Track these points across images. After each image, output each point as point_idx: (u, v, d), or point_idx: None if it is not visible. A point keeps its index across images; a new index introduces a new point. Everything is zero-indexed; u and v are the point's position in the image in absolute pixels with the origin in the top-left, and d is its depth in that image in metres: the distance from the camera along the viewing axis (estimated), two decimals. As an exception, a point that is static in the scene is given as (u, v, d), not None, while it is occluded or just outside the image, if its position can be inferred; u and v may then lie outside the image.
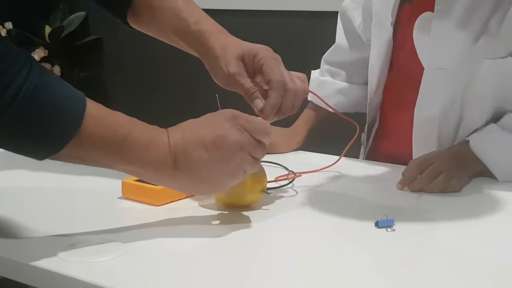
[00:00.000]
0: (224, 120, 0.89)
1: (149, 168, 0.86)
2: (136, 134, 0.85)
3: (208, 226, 0.93)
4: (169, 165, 0.86)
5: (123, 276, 0.78)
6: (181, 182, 0.88)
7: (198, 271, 0.79)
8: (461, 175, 1.13)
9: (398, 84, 1.34)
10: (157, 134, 0.87)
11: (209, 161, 0.86)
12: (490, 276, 0.79)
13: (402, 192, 1.11)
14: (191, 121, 0.90)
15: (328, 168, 1.22)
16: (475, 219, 1.01)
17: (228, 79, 1.02)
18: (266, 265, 0.82)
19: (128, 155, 0.84)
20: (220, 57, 1.02)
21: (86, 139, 0.81)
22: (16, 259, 0.81)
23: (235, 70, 1.01)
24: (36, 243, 0.86)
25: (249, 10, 2.68)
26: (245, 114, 0.90)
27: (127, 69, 3.10)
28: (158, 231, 0.90)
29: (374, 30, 1.37)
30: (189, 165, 0.86)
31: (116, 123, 0.84)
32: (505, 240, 0.92)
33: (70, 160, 0.83)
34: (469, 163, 1.18)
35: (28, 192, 1.09)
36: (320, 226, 0.96)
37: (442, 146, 1.25)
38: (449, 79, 1.22)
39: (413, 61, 1.29)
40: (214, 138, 0.87)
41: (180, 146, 0.86)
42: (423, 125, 1.26)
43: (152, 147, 0.85)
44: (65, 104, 0.79)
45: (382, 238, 0.90)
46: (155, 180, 0.89)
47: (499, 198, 1.11)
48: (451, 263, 0.83)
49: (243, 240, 0.91)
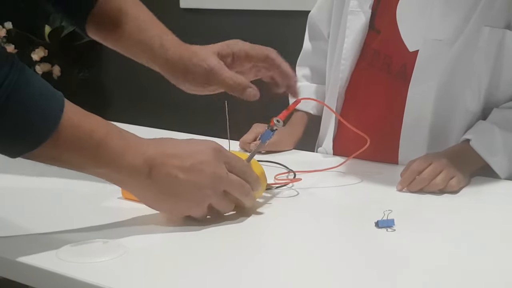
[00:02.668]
0: (208, 149, 0.90)
1: (122, 172, 0.86)
2: (113, 138, 0.85)
3: (208, 226, 0.93)
4: (144, 173, 0.86)
5: (123, 276, 0.78)
6: (150, 193, 0.89)
7: (198, 271, 0.79)
8: (460, 175, 1.13)
9: (370, 71, 1.35)
10: (134, 141, 0.88)
11: (183, 182, 0.87)
12: (490, 276, 0.79)
13: (402, 192, 1.11)
14: (173, 140, 0.91)
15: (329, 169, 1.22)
16: (475, 219, 1.01)
17: (208, 76, 1.02)
18: (265, 265, 0.82)
19: (103, 158, 0.84)
20: (194, 56, 1.04)
21: (62, 140, 0.81)
22: (16, 259, 0.81)
23: (215, 63, 1.02)
24: (36, 243, 0.85)
25: (250, 10, 2.68)
26: (227, 151, 0.93)
27: (126, 69, 3.09)
28: (158, 231, 0.90)
29: (350, 17, 1.36)
30: (163, 179, 0.87)
31: (94, 126, 0.84)
32: (505, 240, 0.92)
33: (43, 160, 0.82)
34: (468, 162, 1.18)
35: (28, 192, 1.09)
36: (320, 226, 0.96)
37: (434, 129, 1.25)
38: (446, 50, 1.22)
39: (391, 42, 1.29)
40: (193, 163, 0.88)
41: (159, 159, 0.87)
42: (416, 103, 1.26)
43: (128, 153, 0.86)
44: (43, 103, 0.80)
45: (382, 238, 0.90)
46: (127, 186, 0.90)
47: (499, 198, 1.12)
48: (451, 263, 0.83)
49: (243, 240, 0.91)
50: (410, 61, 1.26)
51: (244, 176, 0.93)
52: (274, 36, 2.64)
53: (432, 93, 1.24)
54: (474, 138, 1.20)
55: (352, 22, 1.36)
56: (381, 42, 1.33)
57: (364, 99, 1.37)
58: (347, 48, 1.37)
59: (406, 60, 1.27)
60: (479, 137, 1.20)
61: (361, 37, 1.35)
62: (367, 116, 1.34)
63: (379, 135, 1.25)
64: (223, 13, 2.76)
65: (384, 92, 1.32)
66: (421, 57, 1.25)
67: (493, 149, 1.19)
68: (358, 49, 1.36)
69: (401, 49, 1.28)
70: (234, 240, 0.91)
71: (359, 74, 1.37)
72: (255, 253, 0.87)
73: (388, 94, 1.32)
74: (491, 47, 1.21)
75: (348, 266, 0.82)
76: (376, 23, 1.34)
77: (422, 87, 1.25)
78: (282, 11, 2.61)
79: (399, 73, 1.29)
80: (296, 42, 1.58)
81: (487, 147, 1.19)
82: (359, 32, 1.35)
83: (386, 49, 1.32)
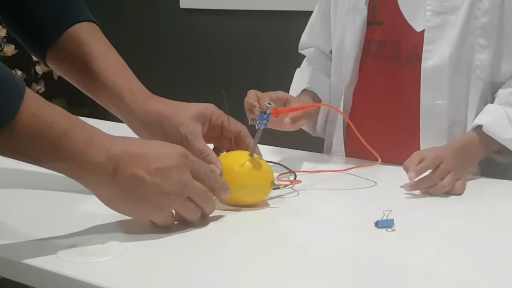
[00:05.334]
0: (175, 154, 0.87)
1: (85, 168, 0.82)
2: (76, 131, 0.81)
3: (208, 225, 0.93)
4: (108, 172, 0.83)
5: (123, 276, 0.78)
6: (112, 193, 0.85)
7: (198, 271, 0.79)
8: (465, 177, 1.14)
9: (376, 63, 1.35)
10: (99, 136, 0.84)
11: (148, 184, 0.84)
12: (490, 276, 0.79)
13: (402, 192, 1.11)
14: (139, 139, 0.88)
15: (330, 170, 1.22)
16: (475, 219, 1.01)
17: (180, 140, 1.02)
18: (265, 265, 0.82)
19: (64, 151, 0.80)
20: (171, 117, 1.03)
21: (20, 129, 0.77)
22: (16, 259, 0.81)
23: (191, 130, 1.02)
24: (35, 244, 0.85)
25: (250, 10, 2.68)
26: (193, 156, 0.90)
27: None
28: (158, 231, 0.90)
29: (348, 17, 1.37)
30: (127, 180, 0.84)
31: (56, 116, 0.80)
32: (505, 240, 0.92)
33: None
34: (474, 153, 1.19)
35: (28, 192, 1.09)
36: (320, 226, 0.96)
37: (454, 97, 1.26)
38: (451, 20, 1.24)
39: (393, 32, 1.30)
40: (160, 166, 0.85)
41: (124, 158, 0.84)
42: (432, 77, 1.26)
43: (92, 148, 0.82)
44: (1, 89, 0.76)
45: (382, 238, 0.90)
46: (88, 183, 0.85)
47: (500, 198, 1.12)
48: (451, 263, 0.83)
49: (243, 240, 0.91)
50: (419, 41, 1.28)
51: (209, 182, 0.91)
52: (274, 36, 2.65)
53: (445, 64, 1.25)
54: (486, 123, 1.19)
55: (349, 22, 1.37)
56: (385, 33, 1.33)
57: (376, 93, 1.37)
58: (347, 48, 1.37)
59: (415, 41, 1.28)
60: (490, 120, 1.20)
61: (361, 34, 1.35)
62: (382, 109, 1.34)
63: (397, 125, 1.27)
64: (223, 13, 2.76)
65: (396, 80, 1.33)
66: (429, 33, 1.26)
67: (506, 130, 1.19)
68: (359, 47, 1.36)
69: (408, 32, 1.29)
70: (234, 240, 0.91)
71: (366, 70, 1.37)
72: (256, 252, 0.87)
73: (401, 79, 1.32)
74: (493, 11, 1.22)
75: (348, 266, 0.82)
76: (378, 16, 1.34)
77: (434, 60, 1.26)
78: (282, 11, 2.61)
79: (411, 56, 1.30)
80: (296, 42, 1.58)
81: (499, 129, 1.19)
82: (358, 30, 1.35)
83: (392, 37, 1.32)
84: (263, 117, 1.02)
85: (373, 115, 1.36)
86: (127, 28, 2.98)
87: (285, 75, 1.54)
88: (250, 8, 2.67)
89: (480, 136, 1.19)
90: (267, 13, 2.64)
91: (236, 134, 1.06)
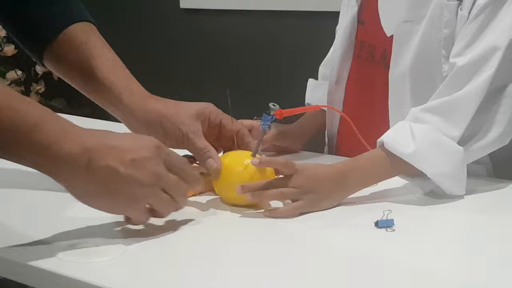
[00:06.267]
0: (150, 146, 0.85)
1: (57, 161, 0.79)
2: (48, 123, 0.79)
3: (208, 225, 0.93)
4: (81, 164, 0.80)
5: (123, 276, 0.78)
6: (85, 187, 0.82)
7: (198, 271, 0.79)
8: (308, 202, 1.00)
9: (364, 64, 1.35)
10: (72, 128, 0.81)
11: (123, 177, 0.82)
12: (491, 276, 0.79)
13: (402, 192, 1.11)
14: (113, 132, 0.86)
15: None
16: (475, 219, 1.01)
17: (181, 139, 1.02)
18: (265, 264, 0.82)
19: (36, 144, 0.78)
20: (171, 117, 1.03)
21: None
22: (16, 259, 0.81)
23: (192, 129, 1.02)
24: (35, 244, 0.86)
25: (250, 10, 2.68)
26: (167, 148, 0.88)
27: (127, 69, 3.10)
28: (158, 231, 0.90)
29: (341, 11, 1.39)
30: (102, 172, 0.81)
31: (27, 108, 0.78)
32: (504, 240, 0.92)
33: None
34: (361, 177, 1.07)
35: (28, 192, 1.09)
36: (320, 226, 0.96)
37: (418, 102, 1.20)
38: (416, 30, 1.22)
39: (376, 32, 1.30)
40: (135, 158, 0.83)
41: (99, 150, 0.81)
42: (398, 86, 1.25)
43: (65, 140, 0.79)
44: None
45: (382, 238, 0.90)
46: (60, 177, 0.82)
47: (499, 198, 1.11)
48: (451, 263, 0.83)
49: (243, 240, 0.91)
50: (389, 47, 1.27)
51: (183, 174, 0.88)
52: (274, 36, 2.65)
53: (407, 73, 1.24)
54: (388, 139, 1.07)
55: (342, 17, 1.39)
56: (365, 33, 1.34)
57: (352, 94, 1.37)
58: (337, 42, 1.38)
59: (386, 46, 1.28)
60: (392, 136, 1.08)
61: (350, 30, 1.36)
62: (355, 112, 1.34)
63: (368, 122, 1.26)
64: (223, 13, 2.75)
65: (371, 82, 1.33)
66: (396, 40, 1.26)
67: (408, 144, 1.05)
68: (350, 43, 1.37)
69: (382, 36, 1.29)
70: (234, 240, 0.91)
71: (354, 67, 1.38)
72: (256, 252, 0.87)
73: (375, 82, 1.32)
74: (451, 21, 1.20)
75: (348, 266, 0.82)
76: (362, 15, 1.35)
77: (399, 68, 1.25)
78: (282, 11, 2.61)
79: (380, 60, 1.30)
80: (296, 42, 1.58)
81: (400, 144, 1.06)
82: (348, 25, 1.36)
83: (370, 39, 1.33)
84: (267, 118, 1.03)
85: (354, 112, 1.32)
86: (127, 28, 2.98)
87: (285, 75, 1.54)
88: (250, 8, 2.67)
89: (386, 153, 1.06)
90: (267, 13, 2.64)
91: (236, 132, 1.06)
